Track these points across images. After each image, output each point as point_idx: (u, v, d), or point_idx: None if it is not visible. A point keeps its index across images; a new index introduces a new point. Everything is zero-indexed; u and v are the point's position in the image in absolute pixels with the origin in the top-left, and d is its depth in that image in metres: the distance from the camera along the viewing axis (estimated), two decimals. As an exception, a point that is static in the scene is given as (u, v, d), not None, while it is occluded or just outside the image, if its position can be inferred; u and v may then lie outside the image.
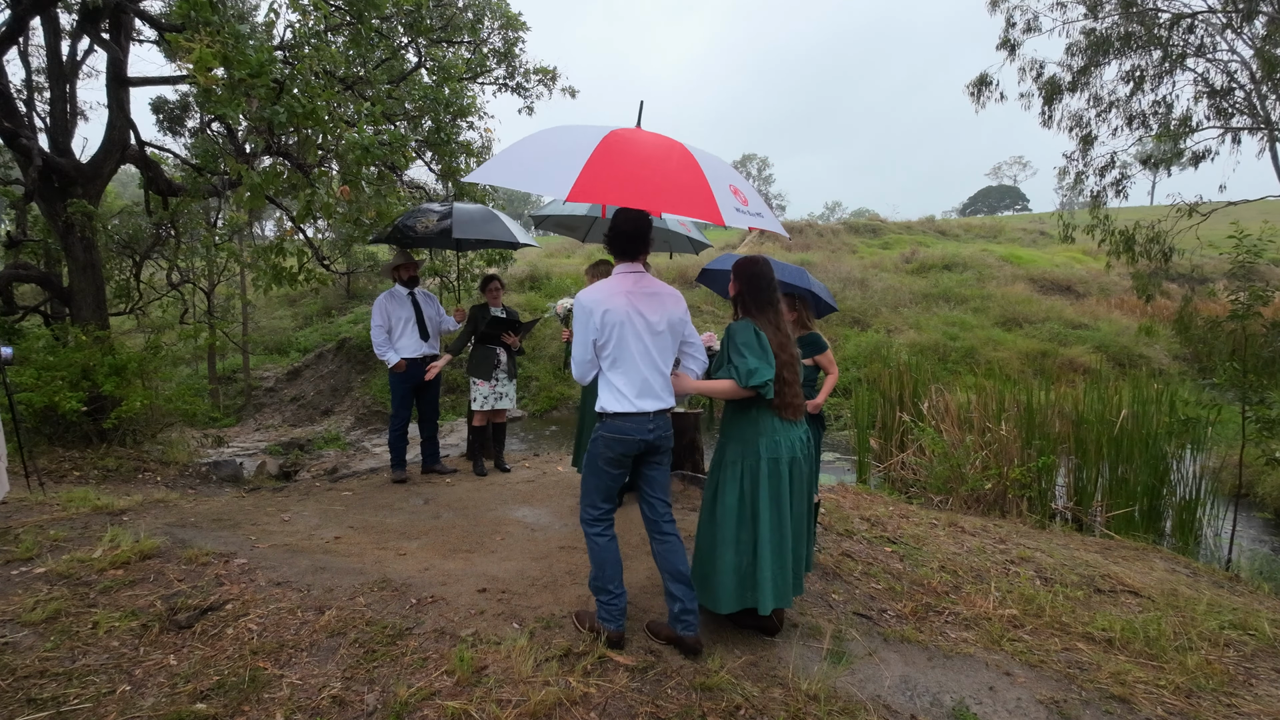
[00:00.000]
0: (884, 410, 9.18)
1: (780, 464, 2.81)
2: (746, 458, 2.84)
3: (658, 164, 2.45)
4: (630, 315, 2.71)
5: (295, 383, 17.36)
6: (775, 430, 2.84)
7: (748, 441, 2.85)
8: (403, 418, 5.40)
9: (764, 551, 2.77)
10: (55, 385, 6.06)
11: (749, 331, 2.78)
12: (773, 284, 2.92)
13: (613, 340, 2.71)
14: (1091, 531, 6.58)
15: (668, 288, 2.87)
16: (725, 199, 2.43)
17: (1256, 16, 12.59)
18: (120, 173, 9.36)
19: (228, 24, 5.14)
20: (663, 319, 2.76)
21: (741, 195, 2.59)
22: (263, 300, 21.69)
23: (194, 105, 11.62)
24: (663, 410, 2.79)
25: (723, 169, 2.65)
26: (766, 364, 2.72)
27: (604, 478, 2.81)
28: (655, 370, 2.76)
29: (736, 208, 2.48)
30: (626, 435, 2.73)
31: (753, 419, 2.86)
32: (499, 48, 9.84)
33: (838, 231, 29.13)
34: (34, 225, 8.46)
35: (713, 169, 2.54)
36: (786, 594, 2.81)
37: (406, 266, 5.37)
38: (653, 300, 2.77)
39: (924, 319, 18.51)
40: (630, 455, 2.78)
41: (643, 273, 2.83)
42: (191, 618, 2.82)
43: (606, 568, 2.79)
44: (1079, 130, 14.65)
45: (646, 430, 2.74)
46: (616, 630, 2.77)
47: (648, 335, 2.73)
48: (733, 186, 2.55)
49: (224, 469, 6.91)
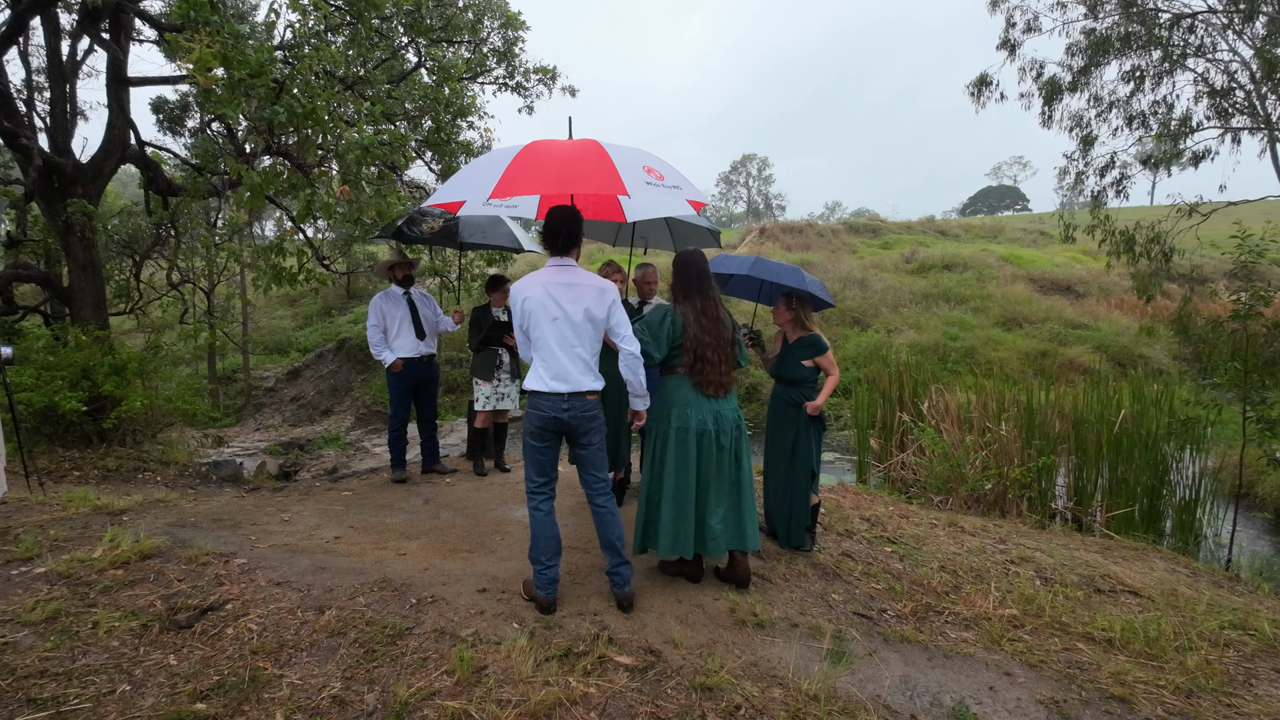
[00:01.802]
0: (884, 410, 9.18)
1: (688, 433, 3.24)
2: (659, 424, 3.35)
3: (569, 159, 2.84)
4: (545, 304, 2.95)
5: (295, 383, 17.36)
6: (688, 403, 3.28)
7: (661, 411, 3.36)
8: (401, 417, 5.40)
9: (665, 506, 3.26)
10: (55, 385, 6.06)
11: (660, 313, 3.30)
12: (703, 275, 3.32)
13: (530, 326, 3.00)
14: (1091, 531, 6.58)
15: (596, 281, 3.06)
16: (634, 175, 2.78)
17: (1257, 16, 12.58)
18: (120, 173, 9.36)
19: (227, 24, 5.14)
20: (579, 309, 2.96)
21: (656, 173, 2.96)
22: (263, 300, 21.70)
23: (194, 105, 11.63)
24: (577, 393, 2.99)
25: (639, 156, 3.00)
26: (654, 343, 3.22)
27: (532, 451, 3.07)
28: (572, 355, 2.98)
29: (647, 181, 2.85)
30: (542, 412, 2.99)
31: (670, 392, 3.35)
32: (499, 47, 9.85)
33: (838, 231, 29.13)
34: (34, 225, 8.46)
35: (626, 157, 2.89)
36: (685, 546, 3.23)
37: (401, 266, 5.36)
38: (570, 290, 2.98)
39: (924, 319, 18.50)
40: (549, 431, 3.02)
41: (569, 266, 3.05)
42: (191, 618, 2.82)
43: (540, 541, 3.04)
44: (1079, 130, 14.65)
45: (560, 409, 2.98)
46: (546, 598, 3.01)
47: (563, 323, 2.96)
48: (646, 167, 2.92)
49: (224, 469, 6.91)
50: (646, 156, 3.07)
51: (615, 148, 2.96)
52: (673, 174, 3.10)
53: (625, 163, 2.84)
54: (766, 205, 79.69)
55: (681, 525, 3.25)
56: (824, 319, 18.63)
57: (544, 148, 2.89)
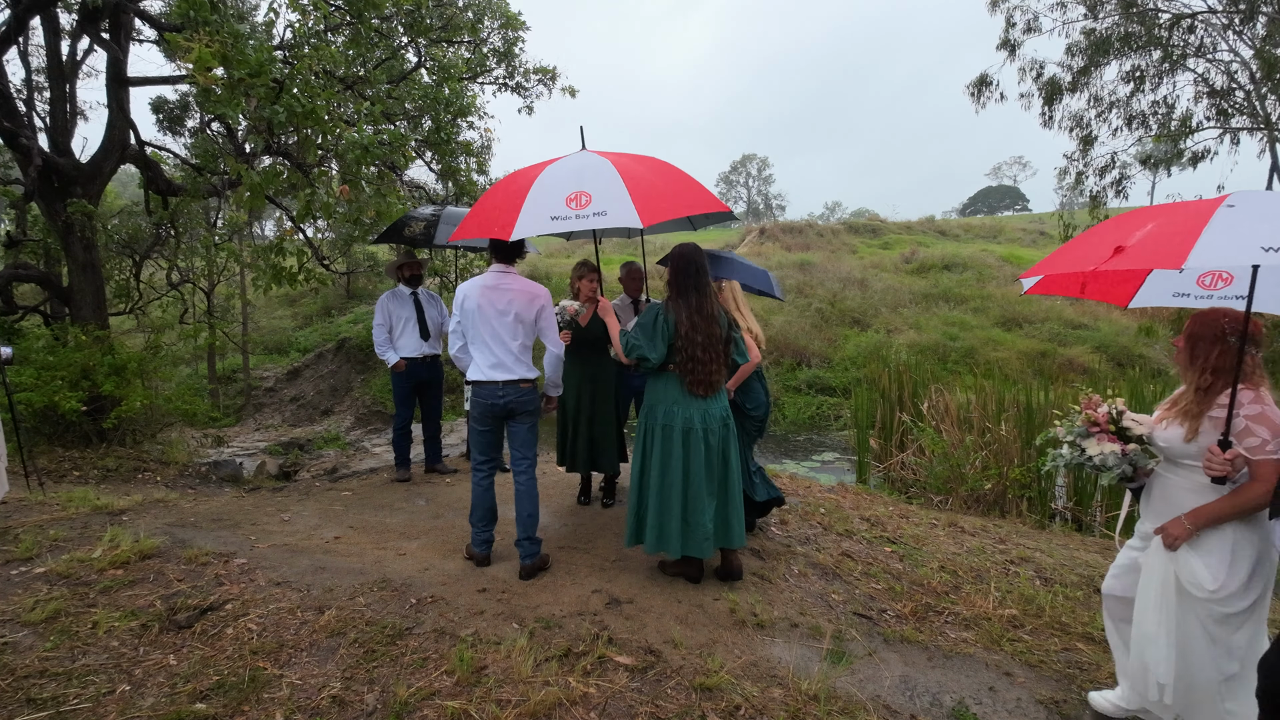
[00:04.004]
0: (884, 410, 9.18)
1: (673, 431, 3.26)
2: (646, 420, 3.38)
3: (496, 196, 3.39)
4: (481, 304, 3.37)
5: (295, 383, 17.36)
6: (675, 401, 3.29)
7: (650, 408, 3.37)
8: (404, 417, 5.40)
9: (651, 502, 3.31)
10: (55, 385, 6.05)
11: (651, 314, 3.27)
12: (700, 271, 3.29)
13: (468, 324, 3.42)
14: (1091, 531, 6.57)
15: (528, 288, 3.47)
16: (538, 214, 3.00)
17: (1257, 17, 12.59)
18: (120, 172, 9.36)
19: (227, 23, 5.14)
20: (510, 309, 3.38)
21: (578, 201, 3.03)
22: (263, 300, 21.70)
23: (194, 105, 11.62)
24: (512, 380, 3.41)
25: (566, 182, 3.10)
26: (649, 344, 3.21)
27: (475, 434, 3.53)
28: (505, 349, 3.40)
29: (554, 215, 2.99)
30: (482, 399, 3.42)
31: (659, 389, 3.35)
32: (499, 47, 9.85)
33: (838, 231, 29.12)
34: (34, 225, 8.45)
35: (548, 186, 3.11)
36: (671, 543, 3.26)
37: (409, 265, 5.36)
38: (502, 294, 3.40)
39: (924, 319, 18.50)
40: (489, 415, 3.46)
41: (505, 272, 3.46)
42: (191, 618, 2.82)
43: (477, 510, 3.56)
44: (1079, 130, 14.67)
45: (498, 396, 3.41)
46: (480, 554, 3.55)
47: (495, 321, 3.37)
48: (569, 197, 3.03)
49: (224, 469, 6.91)
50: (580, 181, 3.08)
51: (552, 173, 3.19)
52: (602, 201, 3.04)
53: (548, 191, 3.08)
54: (766, 205, 79.69)
55: (667, 522, 3.27)
56: (824, 319, 18.64)
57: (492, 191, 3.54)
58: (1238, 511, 2.13)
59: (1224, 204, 2.01)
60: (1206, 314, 2.28)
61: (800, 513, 4.83)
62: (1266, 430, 2.09)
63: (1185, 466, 2.29)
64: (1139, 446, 2.37)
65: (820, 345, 17.28)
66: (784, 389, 15.72)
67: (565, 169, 3.22)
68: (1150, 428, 2.38)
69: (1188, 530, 2.21)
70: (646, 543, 3.33)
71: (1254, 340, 2.20)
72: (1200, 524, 2.19)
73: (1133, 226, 2.19)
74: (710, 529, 3.27)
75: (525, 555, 3.45)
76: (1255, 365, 2.22)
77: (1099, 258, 2.12)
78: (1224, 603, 2.17)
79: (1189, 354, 2.30)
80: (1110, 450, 2.36)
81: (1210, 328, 2.24)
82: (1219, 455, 2.11)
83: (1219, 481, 2.14)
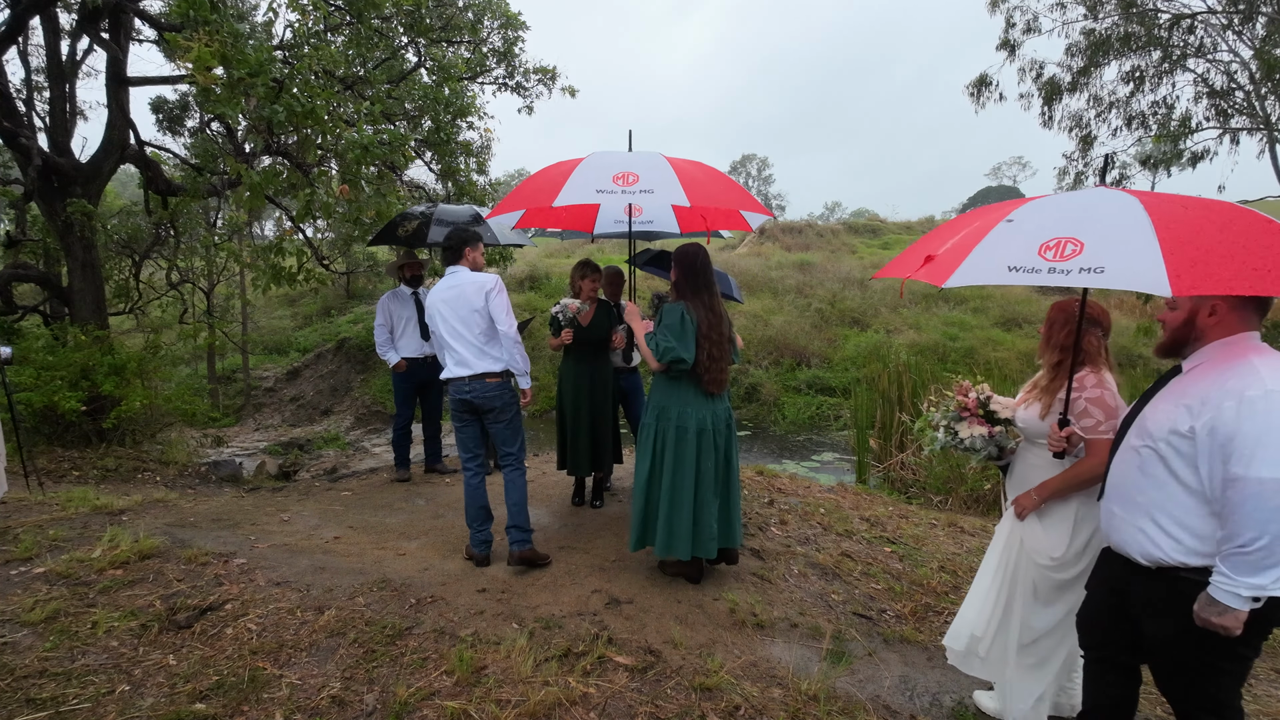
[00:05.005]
0: (883, 410, 9.18)
1: (687, 432, 3.25)
2: (658, 421, 3.32)
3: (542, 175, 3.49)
4: (439, 307, 3.52)
5: (295, 383, 17.35)
6: (689, 402, 3.28)
7: (662, 410, 3.32)
8: (405, 417, 5.40)
9: (663, 505, 3.27)
10: (54, 385, 6.05)
11: (676, 314, 3.20)
12: (706, 268, 3.30)
13: (433, 324, 3.58)
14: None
15: (476, 279, 3.54)
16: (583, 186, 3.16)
17: (1256, 17, 12.59)
18: (120, 172, 9.36)
19: (227, 23, 5.13)
20: (463, 304, 3.49)
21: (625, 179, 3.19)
22: (262, 300, 21.68)
23: (193, 105, 11.61)
24: (476, 375, 3.50)
25: (613, 164, 3.28)
26: (682, 345, 3.15)
27: (456, 432, 3.65)
28: (465, 344, 3.51)
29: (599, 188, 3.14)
30: (453, 395, 3.56)
31: (672, 390, 3.31)
32: (499, 47, 9.84)
33: (837, 232, 29.13)
34: (33, 225, 8.44)
35: (595, 166, 3.28)
36: (682, 546, 3.23)
37: (410, 265, 5.36)
38: (452, 290, 3.52)
39: (923, 319, 18.51)
40: (463, 412, 3.60)
41: (456, 272, 3.58)
42: (191, 618, 2.82)
43: (470, 508, 3.59)
44: (1079, 131, 14.66)
45: (464, 391, 3.52)
46: (480, 554, 3.58)
47: (452, 318, 3.50)
48: (615, 175, 3.18)
49: (223, 469, 6.91)
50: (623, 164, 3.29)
51: (596, 159, 3.37)
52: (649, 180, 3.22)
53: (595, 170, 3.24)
54: (766, 205, 79.57)
55: (679, 524, 3.26)
56: (824, 319, 18.64)
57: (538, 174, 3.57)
58: (1074, 485, 2.27)
59: (1005, 219, 2.07)
60: (1064, 302, 2.45)
61: (800, 513, 4.83)
62: (1101, 412, 2.23)
63: (1039, 444, 2.43)
64: (1004, 429, 2.53)
65: (820, 345, 17.29)
66: (784, 389, 15.72)
67: (613, 155, 3.39)
68: (1013, 410, 2.53)
69: (1035, 501, 2.37)
70: (657, 545, 3.31)
71: (1100, 324, 2.37)
72: (1045, 496, 2.35)
73: (948, 235, 2.29)
74: (715, 529, 3.29)
75: (513, 542, 3.52)
76: (1100, 348, 2.38)
77: (914, 265, 2.27)
78: (1058, 569, 2.33)
79: (1045, 337, 2.46)
80: (979, 433, 2.51)
81: (1064, 312, 2.40)
82: (1057, 433, 2.26)
83: (1059, 456, 2.29)
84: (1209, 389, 1.75)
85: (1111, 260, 1.77)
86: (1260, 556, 1.61)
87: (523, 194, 3.51)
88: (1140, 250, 1.74)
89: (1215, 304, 1.81)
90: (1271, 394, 1.63)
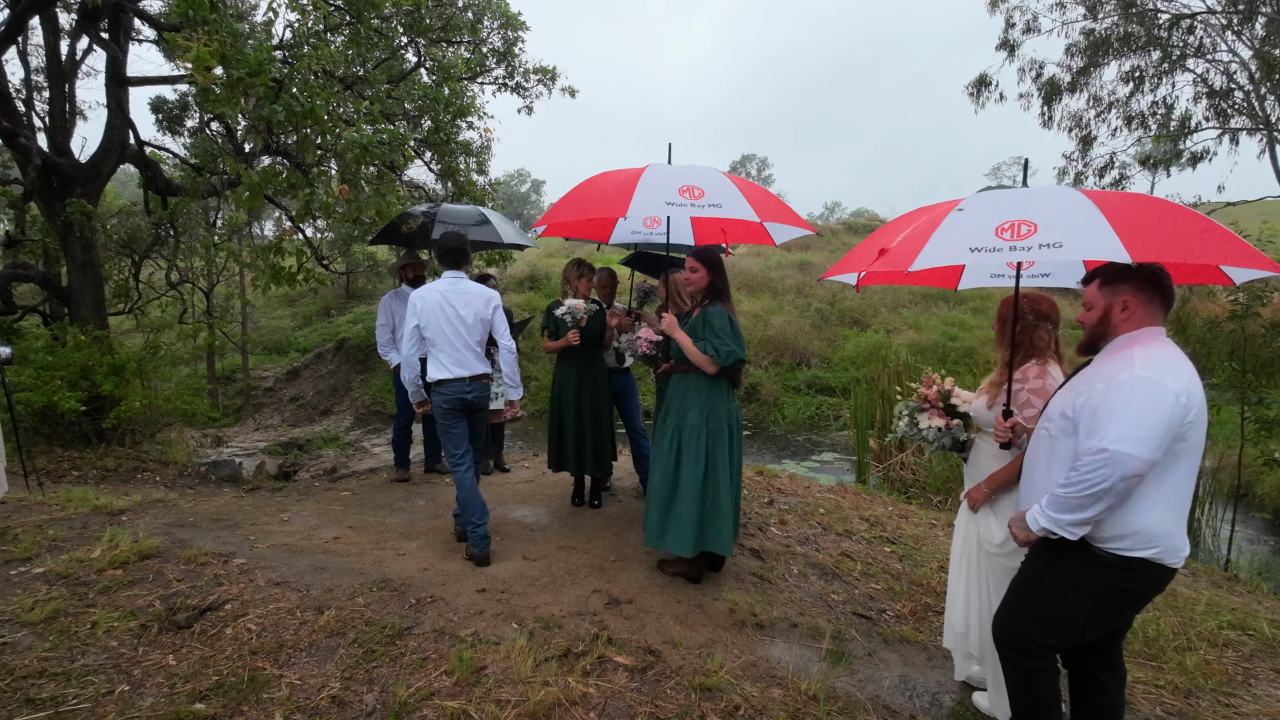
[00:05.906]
0: (883, 411, 9.18)
1: (708, 430, 3.28)
2: (684, 419, 3.32)
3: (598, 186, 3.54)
4: (441, 306, 3.58)
5: (294, 383, 17.34)
6: (728, 400, 3.36)
7: (684, 410, 3.33)
8: (405, 417, 5.39)
9: (683, 502, 3.25)
10: (54, 385, 6.04)
11: (724, 318, 3.25)
12: (725, 271, 3.42)
13: (429, 325, 3.59)
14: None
15: (482, 291, 3.68)
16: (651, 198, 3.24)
17: (1256, 17, 12.59)
18: (119, 172, 9.35)
19: (226, 23, 5.14)
20: (470, 311, 3.62)
21: (692, 193, 3.30)
22: (262, 300, 21.67)
23: (193, 105, 11.60)
24: (475, 376, 3.63)
25: (675, 177, 3.37)
26: (740, 346, 3.23)
27: (445, 431, 3.66)
28: (468, 347, 3.62)
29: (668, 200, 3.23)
30: (450, 394, 3.60)
31: (718, 390, 3.34)
32: (498, 47, 9.85)
33: (837, 232, 29.09)
34: (33, 225, 8.43)
35: (657, 179, 3.34)
36: (691, 540, 3.22)
37: (412, 266, 5.34)
38: (463, 297, 3.63)
39: (923, 319, 18.51)
40: (456, 410, 3.63)
41: (460, 279, 3.68)
42: (190, 618, 2.82)
43: (469, 504, 3.61)
44: (1078, 131, 14.65)
45: (465, 391, 3.61)
46: (480, 553, 3.56)
47: (457, 321, 3.59)
48: (682, 188, 3.29)
49: (223, 469, 6.90)
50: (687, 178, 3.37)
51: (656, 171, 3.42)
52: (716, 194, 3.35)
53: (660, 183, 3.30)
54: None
55: (725, 521, 3.27)
56: (823, 319, 18.65)
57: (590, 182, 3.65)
58: (1018, 476, 2.29)
59: (955, 208, 2.16)
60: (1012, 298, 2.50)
61: (800, 513, 4.84)
62: (1042, 402, 2.27)
63: (990, 435, 2.48)
64: (962, 422, 2.59)
65: (820, 345, 17.29)
66: (784, 389, 15.72)
67: (668, 169, 3.47)
68: (971, 403, 2.58)
69: (985, 494, 2.45)
70: (678, 545, 3.24)
71: (1049, 318, 2.44)
72: (994, 488, 2.42)
73: (898, 229, 2.36)
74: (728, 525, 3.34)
75: (475, 545, 3.61)
76: (1050, 340, 2.44)
77: (868, 259, 2.33)
78: (1009, 556, 2.37)
79: (999, 332, 2.53)
80: (936, 424, 2.58)
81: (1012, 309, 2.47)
82: (1001, 424, 2.33)
83: (1005, 447, 2.36)
84: (1094, 374, 1.92)
85: (1068, 236, 1.89)
86: (1067, 497, 1.83)
87: (582, 203, 3.54)
88: (1092, 227, 1.88)
89: (1127, 300, 1.96)
90: (1138, 379, 1.80)
